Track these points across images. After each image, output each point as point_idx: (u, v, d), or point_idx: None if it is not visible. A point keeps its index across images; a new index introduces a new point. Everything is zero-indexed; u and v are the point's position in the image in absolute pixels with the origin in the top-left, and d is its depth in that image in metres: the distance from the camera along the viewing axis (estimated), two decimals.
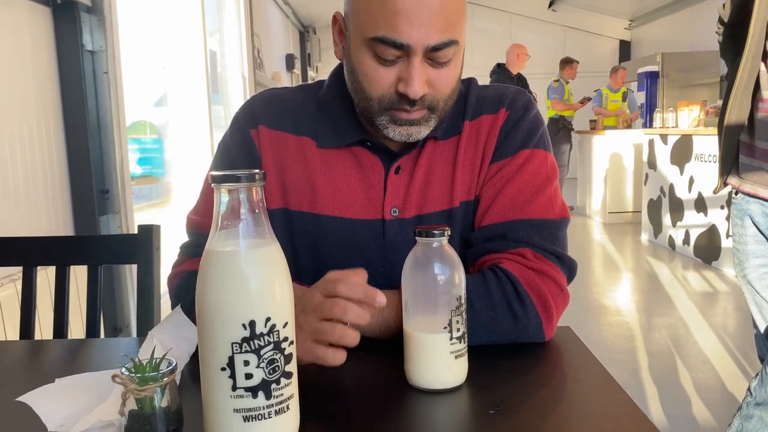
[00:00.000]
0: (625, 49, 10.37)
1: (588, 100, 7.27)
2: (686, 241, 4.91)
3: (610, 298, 3.97)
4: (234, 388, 0.56)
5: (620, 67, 7.31)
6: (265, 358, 0.56)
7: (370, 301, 0.71)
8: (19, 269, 1.23)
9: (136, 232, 1.23)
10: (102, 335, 1.26)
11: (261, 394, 0.56)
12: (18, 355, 0.93)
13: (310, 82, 1.09)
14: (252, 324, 0.55)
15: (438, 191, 0.96)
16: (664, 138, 5.21)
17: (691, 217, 4.81)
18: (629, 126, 7.01)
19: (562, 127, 7.07)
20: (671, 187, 5.09)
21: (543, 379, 0.78)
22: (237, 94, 5.31)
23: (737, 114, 1.62)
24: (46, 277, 1.34)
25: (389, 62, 0.85)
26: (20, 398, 0.72)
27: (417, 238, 0.72)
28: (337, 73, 1.00)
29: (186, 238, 1.00)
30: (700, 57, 7.18)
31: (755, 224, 1.64)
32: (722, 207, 4.35)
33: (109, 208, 2.53)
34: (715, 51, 1.89)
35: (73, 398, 0.70)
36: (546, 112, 7.04)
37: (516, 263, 0.88)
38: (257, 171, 0.57)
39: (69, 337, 1.22)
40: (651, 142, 5.45)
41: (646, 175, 5.60)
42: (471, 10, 9.58)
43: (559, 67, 7.27)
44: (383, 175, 0.96)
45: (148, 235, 1.21)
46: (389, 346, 0.83)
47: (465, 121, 0.97)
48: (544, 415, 0.67)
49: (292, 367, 0.58)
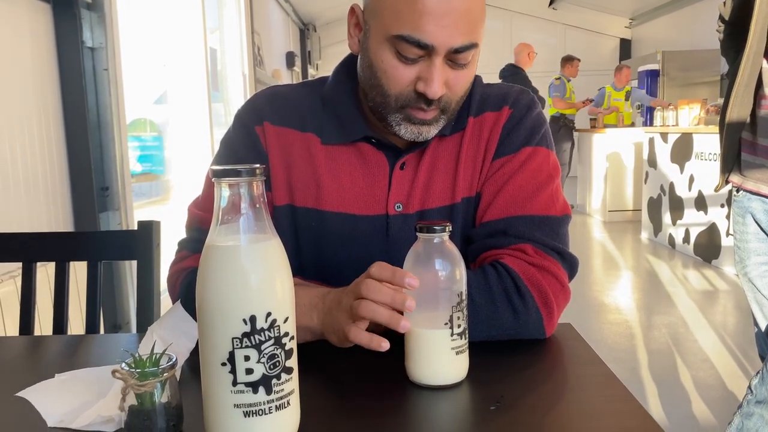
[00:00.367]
0: (625, 48, 10.36)
1: (590, 101, 7.27)
2: (686, 239, 4.91)
3: (610, 296, 3.97)
4: (234, 383, 0.56)
5: (624, 66, 7.31)
6: (266, 353, 0.56)
7: (399, 282, 0.70)
8: (19, 265, 1.23)
9: (136, 228, 1.23)
10: (101, 332, 1.25)
11: (261, 389, 0.56)
12: (18, 350, 0.93)
13: (308, 79, 1.08)
14: (252, 319, 0.55)
15: (440, 187, 0.96)
16: (664, 136, 5.20)
17: (691, 215, 4.81)
18: (632, 124, 7.00)
19: (563, 126, 7.07)
20: (671, 186, 5.08)
21: (544, 375, 0.77)
22: (237, 92, 5.31)
23: (739, 111, 1.61)
24: (45, 273, 1.34)
25: (410, 61, 0.85)
26: (20, 393, 0.72)
27: (418, 234, 0.72)
28: (341, 70, 1.00)
29: (185, 231, 1.00)
30: (701, 55, 7.18)
31: (757, 222, 1.64)
32: (722, 205, 4.35)
33: (109, 205, 2.53)
34: (716, 49, 1.90)
35: (72, 393, 0.70)
36: (547, 110, 7.04)
37: (517, 259, 0.88)
38: (258, 165, 0.57)
39: (68, 333, 1.22)
40: (651, 141, 5.45)
41: (647, 174, 5.60)
42: None
43: (560, 64, 7.27)
44: (388, 171, 0.96)
45: (148, 231, 1.21)
46: (390, 341, 0.82)
47: (469, 117, 0.97)
48: (545, 411, 0.67)
49: (292, 362, 0.58)
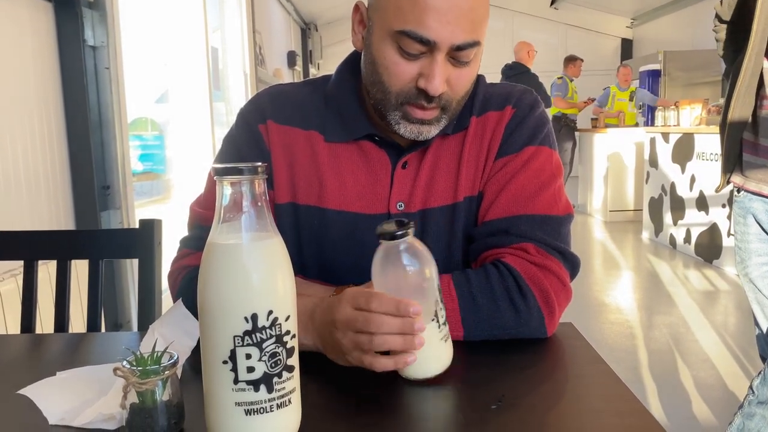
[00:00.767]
0: (627, 48, 10.35)
1: (592, 101, 7.26)
2: (687, 239, 4.90)
3: (611, 296, 3.96)
4: (236, 381, 0.56)
5: (621, 66, 7.32)
6: (267, 352, 0.56)
7: (404, 313, 0.69)
8: (21, 263, 1.23)
9: (137, 227, 1.23)
10: (103, 331, 1.25)
11: (263, 387, 0.56)
12: (19, 348, 0.93)
13: (311, 77, 1.08)
14: (254, 317, 0.55)
15: (442, 186, 0.96)
16: (665, 136, 5.20)
17: (692, 215, 4.81)
18: (636, 124, 7.00)
19: (564, 125, 7.06)
20: (672, 186, 5.08)
21: (546, 374, 0.78)
22: (238, 91, 5.31)
23: (740, 112, 1.61)
24: (47, 271, 1.34)
25: (412, 57, 0.85)
26: (21, 391, 0.72)
27: (382, 241, 0.70)
28: (344, 68, 1.00)
29: (187, 229, 1.00)
30: (703, 55, 7.16)
31: (758, 222, 1.63)
32: (723, 206, 4.35)
33: (110, 204, 2.53)
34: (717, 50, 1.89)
35: (74, 391, 0.70)
36: (549, 110, 7.04)
37: (518, 258, 0.88)
38: (260, 164, 0.57)
39: (70, 332, 1.22)
40: (652, 141, 5.45)
41: (648, 174, 5.59)
42: None
43: (563, 64, 7.27)
44: (390, 170, 0.96)
45: (150, 229, 1.21)
46: None
47: (472, 116, 0.97)
48: (546, 410, 0.67)
49: (294, 360, 0.58)
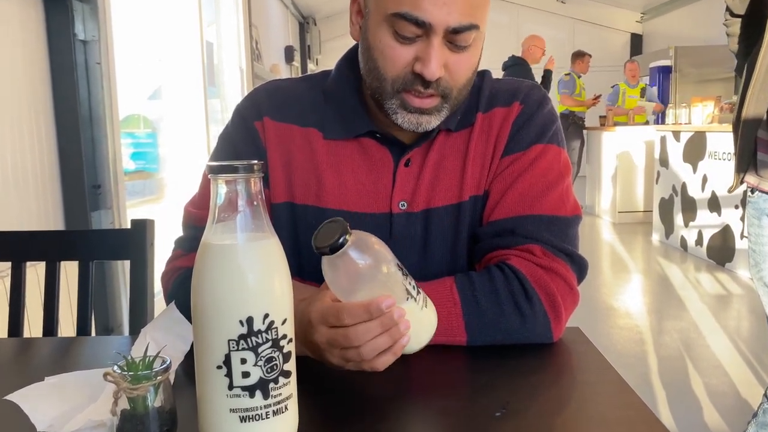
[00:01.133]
0: (636, 43, 10.36)
1: (599, 98, 7.25)
2: (699, 241, 4.90)
3: (620, 300, 3.96)
4: (230, 387, 0.56)
5: (628, 62, 7.31)
6: (263, 356, 0.56)
7: (378, 313, 0.68)
8: (8, 265, 1.22)
9: (129, 227, 1.23)
10: (93, 334, 1.25)
11: (258, 393, 0.56)
12: (6, 352, 0.93)
13: (309, 73, 1.08)
14: (249, 320, 0.55)
15: (447, 184, 0.95)
16: (676, 135, 5.20)
17: (704, 216, 4.81)
18: (646, 122, 6.99)
19: (572, 123, 7.06)
20: (684, 186, 5.08)
21: (551, 380, 0.77)
22: (234, 87, 5.32)
23: (755, 109, 1.61)
24: (35, 273, 1.34)
25: (408, 40, 0.84)
26: (8, 397, 0.72)
27: (325, 257, 0.69)
28: (344, 63, 1.00)
29: (181, 232, 1.00)
30: (715, 51, 7.16)
31: None
32: (736, 207, 4.35)
33: (101, 203, 2.53)
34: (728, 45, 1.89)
35: (63, 397, 0.70)
36: (556, 107, 7.02)
37: (524, 260, 0.88)
38: (256, 162, 0.57)
39: (59, 336, 1.22)
40: (663, 139, 5.45)
41: (658, 173, 5.59)
42: None
43: (570, 60, 7.27)
44: (392, 168, 0.96)
45: (142, 230, 1.21)
46: None
47: (478, 113, 0.97)
48: (552, 418, 0.67)
49: (290, 365, 0.58)
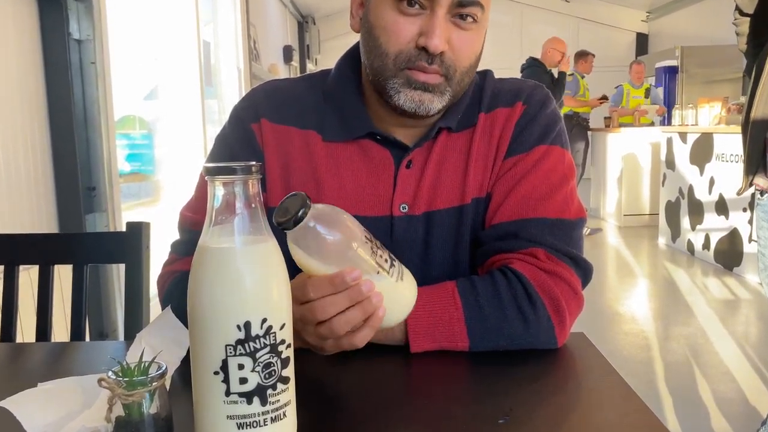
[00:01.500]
0: (642, 43, 10.37)
1: (606, 99, 7.24)
2: (706, 245, 4.90)
3: (626, 305, 3.96)
4: (227, 393, 0.56)
5: (634, 62, 7.30)
6: (261, 362, 0.56)
7: (343, 286, 0.69)
8: (1, 268, 1.23)
9: (124, 230, 1.23)
10: (87, 340, 1.25)
11: (256, 399, 0.56)
12: None
13: (309, 73, 1.09)
14: (247, 325, 0.55)
15: (449, 186, 0.95)
16: (683, 136, 5.20)
17: (711, 220, 4.80)
18: (652, 123, 6.98)
19: (576, 125, 7.05)
20: (690, 189, 5.08)
21: (556, 386, 0.77)
22: (232, 88, 5.32)
23: (764, 110, 1.61)
24: (28, 276, 1.34)
25: (411, 14, 0.85)
26: (1, 403, 0.71)
27: (286, 231, 0.69)
28: (344, 62, 1.00)
29: (178, 236, 1.00)
30: (722, 51, 7.17)
31: None
32: (744, 210, 4.35)
33: (96, 206, 2.53)
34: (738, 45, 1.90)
35: (56, 403, 0.70)
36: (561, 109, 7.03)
37: (527, 264, 0.88)
38: (254, 163, 0.57)
39: (52, 341, 1.22)
40: (669, 141, 5.45)
41: (664, 176, 5.59)
42: None
43: (573, 60, 7.26)
44: (393, 170, 0.96)
45: (137, 233, 1.21)
46: (391, 351, 0.82)
47: (480, 113, 0.97)
48: (556, 425, 0.67)
49: (289, 371, 0.58)
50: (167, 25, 4.05)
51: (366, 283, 0.69)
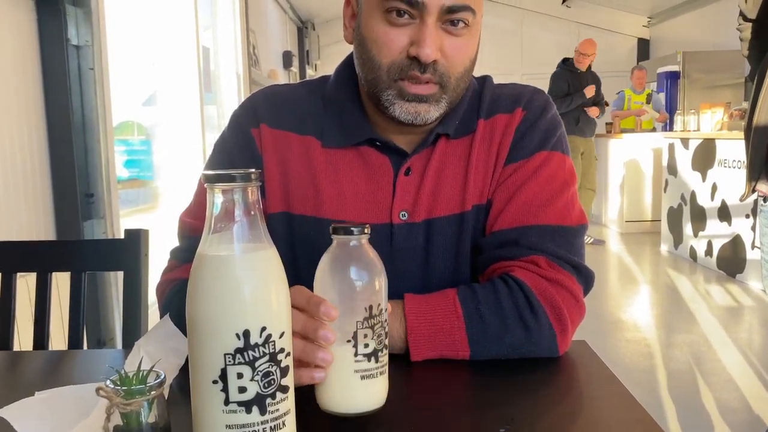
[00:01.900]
0: (643, 48, 10.38)
1: (607, 105, 7.24)
2: (709, 252, 4.90)
3: (628, 312, 3.96)
4: (226, 402, 0.56)
5: (635, 68, 7.31)
6: (260, 371, 0.56)
7: (313, 310, 0.66)
8: None
9: (122, 237, 1.23)
10: (85, 348, 1.25)
11: (255, 409, 0.56)
12: None
13: (309, 78, 1.09)
14: (246, 334, 0.55)
15: (449, 193, 0.96)
16: (685, 142, 5.21)
17: (714, 226, 4.81)
18: (653, 129, 6.99)
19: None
20: (693, 195, 5.08)
21: (557, 395, 0.77)
22: (231, 93, 5.33)
23: (767, 116, 1.61)
24: (26, 284, 1.34)
25: (401, 24, 0.86)
26: None
27: (333, 236, 0.68)
28: (343, 69, 1.01)
29: (177, 242, 1.00)
30: (724, 56, 7.18)
31: None
32: (747, 216, 4.35)
33: (94, 213, 2.53)
34: (740, 50, 1.90)
35: (54, 413, 0.70)
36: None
37: (528, 271, 0.88)
38: (253, 170, 0.57)
39: (50, 349, 1.22)
40: (671, 147, 5.45)
41: (666, 182, 5.59)
42: None
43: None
44: (392, 177, 0.96)
45: (136, 240, 1.21)
46: (391, 359, 0.82)
47: (479, 119, 0.97)
48: None
49: (288, 380, 0.58)
50: (166, 31, 4.06)
51: (325, 328, 0.65)
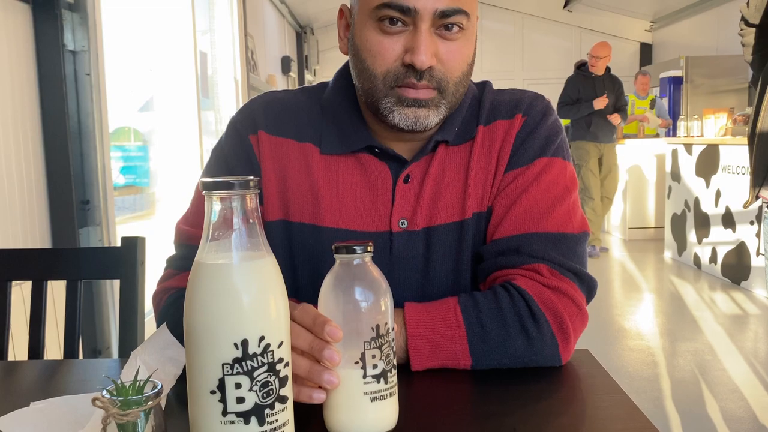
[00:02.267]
0: (646, 53, 10.40)
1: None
2: (713, 259, 4.89)
3: (631, 320, 3.95)
4: (224, 413, 0.56)
5: (640, 73, 7.33)
6: (259, 381, 0.56)
7: (318, 331, 0.65)
8: None
9: (118, 245, 1.23)
10: (81, 357, 1.25)
11: (253, 419, 0.56)
12: None
13: (307, 85, 1.09)
14: (244, 343, 0.55)
15: (449, 201, 0.96)
16: (688, 148, 5.21)
17: (718, 233, 4.81)
18: (657, 135, 6.99)
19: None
20: (696, 201, 5.08)
21: (560, 405, 0.77)
22: (229, 99, 5.33)
23: None
24: (21, 292, 1.34)
25: (395, 32, 0.86)
26: None
27: (336, 255, 0.67)
28: (342, 75, 1.01)
29: (173, 250, 1.00)
30: (728, 61, 7.20)
31: None
32: (752, 222, 4.35)
33: (90, 220, 2.53)
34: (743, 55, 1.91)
35: (49, 423, 0.70)
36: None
37: (530, 280, 0.88)
38: (251, 177, 0.57)
39: (45, 358, 1.22)
40: (674, 153, 5.46)
41: (670, 188, 5.60)
42: (480, 10, 9.61)
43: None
44: (391, 184, 0.96)
45: (132, 248, 1.21)
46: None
47: (479, 126, 0.97)
48: None
49: (287, 390, 0.58)
50: (163, 36, 4.07)
51: (331, 350, 0.63)
